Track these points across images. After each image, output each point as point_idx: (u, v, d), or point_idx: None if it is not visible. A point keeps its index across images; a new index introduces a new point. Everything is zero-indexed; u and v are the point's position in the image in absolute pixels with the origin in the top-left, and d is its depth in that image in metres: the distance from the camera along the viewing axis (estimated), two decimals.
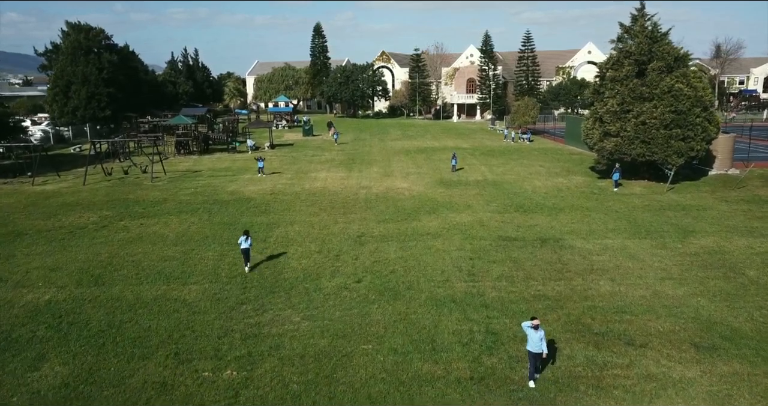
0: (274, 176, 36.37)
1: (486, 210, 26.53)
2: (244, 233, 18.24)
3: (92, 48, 62.27)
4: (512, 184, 32.96)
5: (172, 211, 26.87)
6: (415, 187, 32.32)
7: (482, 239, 21.83)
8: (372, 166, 40.11)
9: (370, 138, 60.62)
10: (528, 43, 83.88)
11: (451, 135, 63.25)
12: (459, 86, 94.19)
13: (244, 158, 45.12)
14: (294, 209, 27.11)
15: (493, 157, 44.10)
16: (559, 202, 28.16)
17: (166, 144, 47.10)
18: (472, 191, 30.89)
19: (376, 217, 25.39)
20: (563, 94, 79.59)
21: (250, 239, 18.29)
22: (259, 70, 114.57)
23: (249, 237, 18.17)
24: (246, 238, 18.04)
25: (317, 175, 36.71)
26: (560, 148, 49.85)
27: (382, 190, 31.54)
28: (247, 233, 18.32)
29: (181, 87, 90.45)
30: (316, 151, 49.28)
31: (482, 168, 38.93)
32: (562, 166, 39.55)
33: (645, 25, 32.21)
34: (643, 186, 31.95)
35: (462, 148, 49.77)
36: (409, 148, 50.61)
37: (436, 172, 37.55)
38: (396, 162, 42.28)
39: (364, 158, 44.41)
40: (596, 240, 21.56)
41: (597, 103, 33.46)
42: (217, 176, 36.59)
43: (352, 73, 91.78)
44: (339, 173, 37.26)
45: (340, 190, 31.43)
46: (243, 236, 18.15)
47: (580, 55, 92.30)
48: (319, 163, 42.21)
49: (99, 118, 60.14)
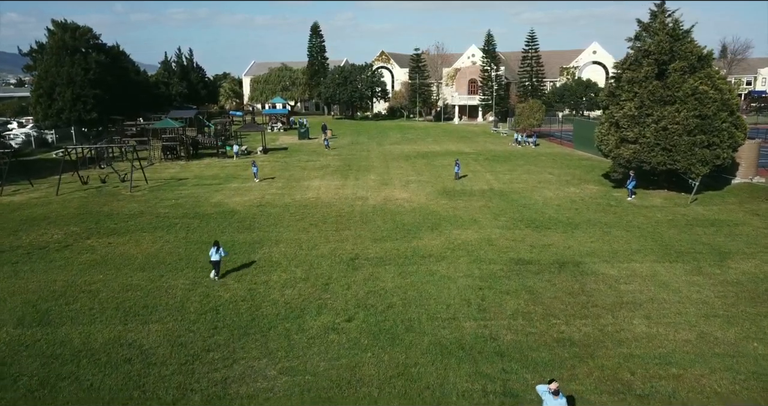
0: (263, 184, 33.78)
1: (494, 226, 23.94)
2: (214, 244, 17.58)
3: (79, 48, 59.70)
4: (521, 194, 30.37)
5: (146, 226, 24.26)
6: (415, 197, 29.73)
7: (492, 262, 19.25)
8: (369, 174, 37.52)
9: (368, 141, 58.05)
10: (532, 43, 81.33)
11: (452, 138, 60.67)
12: (460, 87, 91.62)
13: (234, 164, 42.52)
14: (282, 224, 24.52)
15: (498, 164, 41.51)
16: (574, 216, 25.56)
17: (152, 149, 44.51)
18: (477, 203, 28.31)
19: (372, 234, 22.80)
20: (568, 96, 77.05)
21: (222, 250, 17.62)
22: (256, 71, 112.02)
23: (220, 248, 17.54)
24: (217, 249, 17.44)
25: (310, 183, 34.12)
26: (569, 154, 47.27)
27: (380, 201, 28.96)
28: (218, 243, 17.68)
29: (174, 88, 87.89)
30: (311, 156, 46.69)
31: (487, 175, 36.34)
32: (573, 173, 36.96)
33: (665, 22, 29.65)
34: (663, 197, 29.37)
35: (465, 153, 47.20)
36: (409, 153, 48.03)
37: (437, 180, 34.96)
38: (395, 168, 39.70)
39: (361, 164, 41.83)
40: (621, 264, 18.98)
41: (612, 106, 30.87)
42: (202, 185, 33.99)
43: (350, 74, 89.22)
44: (334, 181, 34.67)
45: (334, 202, 28.85)
46: (213, 248, 17.52)
47: (584, 55, 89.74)
48: (313, 169, 39.62)
49: (85, 120, 57.56)
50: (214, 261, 17.52)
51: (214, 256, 17.41)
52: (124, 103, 66.08)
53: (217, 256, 17.37)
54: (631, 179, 29.08)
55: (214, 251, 17.37)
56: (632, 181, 28.97)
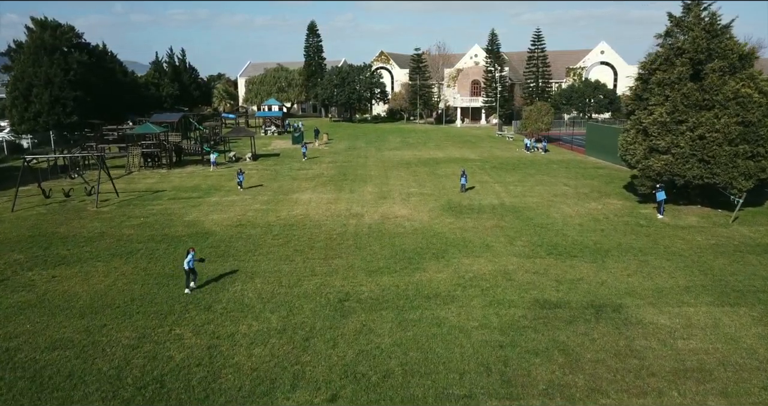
0: (247, 198, 30.28)
1: (510, 252, 20.42)
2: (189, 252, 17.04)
3: (59, 47, 56.18)
4: (536, 210, 26.86)
5: (103, 253, 20.73)
6: (417, 214, 26.22)
7: (512, 304, 15.74)
8: (366, 185, 34.00)
9: (366, 146, 54.54)
10: (538, 42, 77.76)
11: (455, 143, 57.15)
12: (462, 88, 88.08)
13: (219, 173, 38.97)
14: (261, 250, 20.99)
15: (507, 173, 38.00)
16: (601, 239, 22.04)
17: (130, 156, 40.99)
18: (488, 222, 24.79)
19: (366, 264, 19.28)
20: (575, 97, 73.57)
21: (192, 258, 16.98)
22: (252, 72, 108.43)
23: (194, 254, 17.10)
24: (191, 257, 16.89)
25: (300, 197, 30.58)
26: (581, 161, 43.75)
27: (377, 219, 25.44)
28: (192, 251, 17.20)
29: (165, 89, 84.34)
30: (304, 164, 43.17)
31: (496, 187, 32.82)
32: (591, 185, 33.44)
33: (700, 16, 26.16)
34: (699, 215, 25.86)
35: (470, 160, 43.69)
36: (410, 160, 44.52)
37: (442, 192, 31.45)
38: (395, 178, 36.18)
39: (357, 173, 38.31)
40: (671, 307, 15.47)
41: (639, 111, 27.37)
42: (179, 198, 30.46)
43: (348, 75, 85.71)
44: (326, 194, 31.15)
45: (324, 220, 25.33)
46: (188, 256, 16.90)
47: (592, 55, 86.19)
48: (305, 179, 36.09)
49: (64, 124, 54.05)
50: (189, 270, 16.91)
51: (185, 264, 16.87)
52: (109, 106, 62.64)
53: (189, 264, 16.82)
54: (658, 188, 25.60)
55: (191, 258, 16.89)
56: (660, 191, 25.48)
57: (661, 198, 25.62)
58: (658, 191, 25.64)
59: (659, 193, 25.61)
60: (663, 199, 25.65)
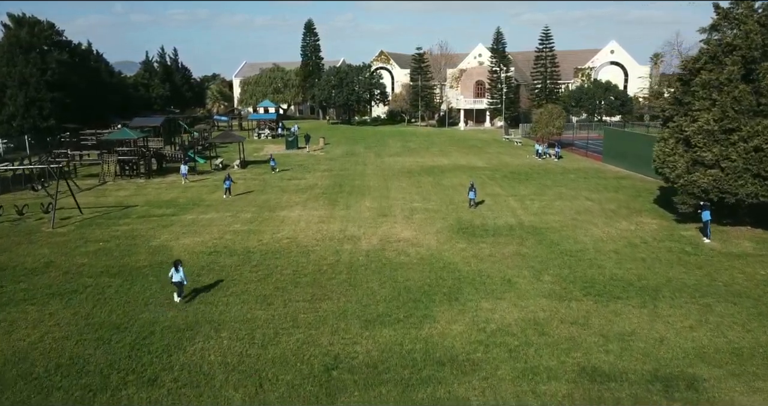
0: (227, 215, 26.58)
1: (538, 291, 16.72)
2: (174, 264, 16.14)
3: (36, 45, 52.54)
4: (560, 232, 23.15)
5: (41, 292, 17.01)
6: (423, 238, 22.50)
7: (551, 374, 12.05)
8: (364, 198, 30.29)
9: (364, 152, 50.82)
10: (546, 41, 74.04)
11: (460, 148, 53.44)
12: (466, 89, 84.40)
13: (201, 185, 35.24)
14: (235, 287, 17.29)
15: (520, 184, 34.27)
16: (644, 272, 18.33)
17: (105, 164, 37.26)
18: (507, 247, 21.08)
19: (363, 309, 15.58)
20: (585, 99, 69.88)
21: (182, 270, 16.10)
22: (248, 72, 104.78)
23: (180, 267, 16.10)
24: (176, 269, 15.96)
25: (288, 214, 26.87)
26: (599, 169, 40.03)
27: (376, 243, 21.72)
28: (178, 263, 16.16)
29: (155, 90, 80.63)
30: (297, 172, 39.47)
31: (511, 201, 29.12)
32: (616, 199, 29.73)
33: (753, 7, 22.47)
34: (752, 239, 22.14)
35: (478, 169, 39.99)
36: (412, 167, 40.82)
37: (449, 207, 27.75)
38: (396, 190, 32.47)
39: (354, 184, 34.60)
40: (763, 382, 11.76)
41: (680, 118, 23.65)
42: (150, 216, 26.75)
43: (346, 75, 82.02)
44: (318, 211, 27.43)
45: (314, 245, 21.61)
46: (173, 268, 16.08)
47: (601, 55, 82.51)
48: (296, 192, 32.37)
49: (42, 128, 50.37)
50: (176, 282, 16.03)
51: (175, 277, 15.98)
52: (93, 108, 58.98)
53: (178, 277, 15.95)
54: (704, 207, 21.95)
55: (174, 272, 15.99)
56: (706, 210, 21.83)
57: (707, 219, 21.95)
58: (704, 210, 21.96)
59: (705, 212, 21.93)
60: (709, 219, 21.98)
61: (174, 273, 15.96)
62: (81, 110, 55.96)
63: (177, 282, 16.01)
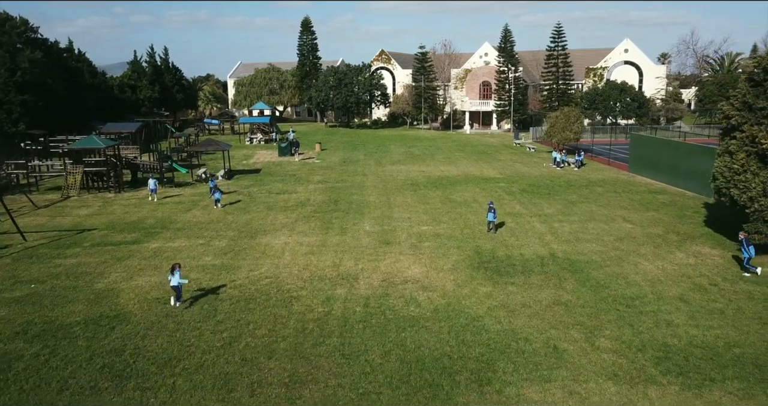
0: (198, 243, 22.15)
1: (598, 367, 12.28)
2: (172, 269, 15.49)
3: (5, 43, 48.14)
4: (605, 268, 18.73)
5: None
6: (435, 276, 18.08)
7: None
8: (363, 218, 25.87)
9: (364, 159, 46.39)
10: (558, 39, 69.53)
11: (468, 154, 49.00)
12: (471, 91, 80.00)
13: (175, 201, 30.78)
14: (186, 360, 12.84)
15: (542, 199, 29.85)
16: (733, 335, 13.87)
17: (69, 176, 32.82)
18: (543, 291, 16.65)
19: (358, 399, 11.15)
20: (600, 101, 65.44)
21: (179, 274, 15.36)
22: (243, 72, 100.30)
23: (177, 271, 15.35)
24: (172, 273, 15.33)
25: (271, 241, 22.43)
26: (628, 181, 35.57)
27: (378, 286, 17.30)
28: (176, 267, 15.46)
29: (142, 92, 76.16)
30: (287, 185, 35.03)
31: (536, 224, 24.70)
32: (659, 219, 25.28)
33: None
34: None
35: (491, 180, 35.55)
36: (417, 178, 36.39)
37: (464, 232, 23.34)
38: (400, 208, 28.06)
39: (352, 200, 30.17)
40: None
41: (751, 126, 19.20)
42: (106, 244, 22.32)
43: (345, 76, 77.56)
44: (308, 236, 23.00)
45: (299, 289, 17.18)
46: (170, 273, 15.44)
47: (614, 54, 78.00)
48: (284, 209, 27.95)
49: (10, 133, 45.94)
50: (173, 286, 15.42)
51: (173, 280, 15.36)
52: (72, 112, 54.61)
53: (176, 281, 15.33)
54: (746, 241, 17.80)
55: (172, 277, 15.32)
56: (747, 248, 17.77)
57: (751, 255, 17.86)
58: (748, 244, 17.84)
59: (750, 247, 17.84)
60: (752, 255, 17.87)
61: (171, 277, 15.54)
62: (58, 114, 51.60)
63: (174, 286, 15.55)
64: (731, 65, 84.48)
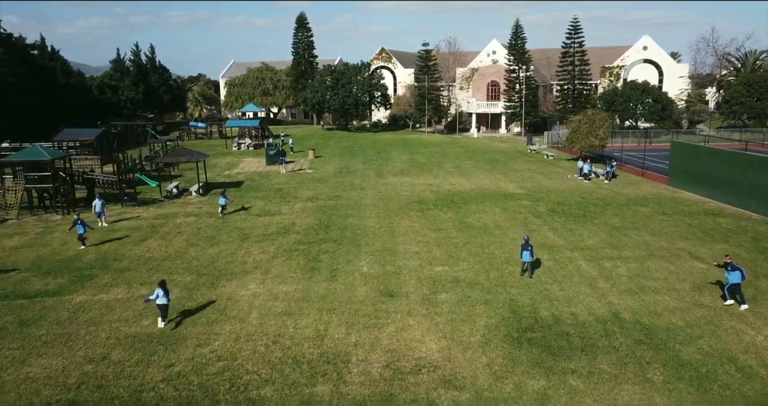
0: (141, 291, 16.67)
1: None
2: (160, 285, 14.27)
3: None
4: (694, 339, 13.28)
5: None
6: (460, 358, 12.63)
7: None
8: (359, 255, 20.40)
9: (362, 169, 40.95)
10: (575, 35, 63.98)
11: (480, 163, 43.54)
12: (478, 91, 74.51)
13: (133, 225, 25.28)
14: None
15: (578, 224, 24.36)
16: None
17: (5, 193, 27.39)
18: (622, 388, 11.21)
19: None
20: (620, 102, 60.02)
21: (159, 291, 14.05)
22: (236, 72, 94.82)
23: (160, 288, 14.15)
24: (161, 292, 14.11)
25: (236, 291, 16.95)
26: (674, 198, 30.08)
27: (378, 378, 11.83)
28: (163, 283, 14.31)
29: (124, 93, 70.78)
30: (271, 203, 29.57)
31: (579, 260, 19.23)
32: (732, 253, 19.75)
33: None
34: None
35: (512, 197, 30.04)
36: (424, 195, 30.93)
37: (491, 274, 17.87)
38: (405, 238, 22.59)
39: (346, 225, 24.72)
40: None
41: None
42: (17, 296, 16.83)
43: (343, 75, 72.11)
44: (286, 284, 17.53)
45: (262, 384, 11.71)
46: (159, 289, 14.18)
47: (632, 52, 72.39)
48: (260, 240, 22.48)
49: None
50: (161, 304, 14.16)
51: (161, 299, 14.11)
52: (40, 116, 49.25)
53: (164, 299, 14.13)
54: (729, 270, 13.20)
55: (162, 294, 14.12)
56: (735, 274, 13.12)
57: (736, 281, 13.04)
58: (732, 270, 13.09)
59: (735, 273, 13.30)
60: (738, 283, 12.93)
61: (160, 295, 14.11)
62: (24, 118, 46.27)
63: (161, 305, 14.14)
64: (754, 64, 79.08)
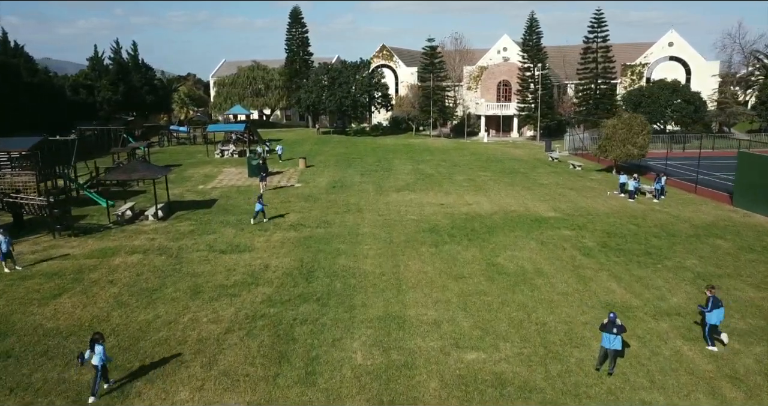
0: None
1: None
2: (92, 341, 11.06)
3: None
4: None
5: None
6: None
7: None
8: (351, 329, 14.22)
9: (360, 183, 34.77)
10: (599, 29, 57.76)
11: (497, 174, 37.38)
12: (487, 91, 68.40)
13: (52, 270, 19.04)
14: None
15: (646, 268, 18.16)
16: None
17: None
18: None
19: None
20: (647, 103, 53.89)
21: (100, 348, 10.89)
22: (227, 71, 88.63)
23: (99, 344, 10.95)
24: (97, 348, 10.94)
25: (170, 398, 10.81)
26: (745, 222, 23.93)
27: None
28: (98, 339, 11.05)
29: (101, 93, 64.58)
30: (242, 232, 23.36)
31: (673, 338, 13.07)
32: None
33: None
34: None
35: (546, 222, 23.80)
36: (436, 219, 24.75)
37: (551, 370, 11.72)
38: (417, 294, 16.42)
39: (336, 268, 18.55)
40: None
41: None
42: None
43: (340, 74, 65.96)
44: (232, 395, 11.36)
45: None
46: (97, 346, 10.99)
47: (656, 48, 66.24)
48: (216, 298, 16.28)
49: None
50: (95, 365, 10.98)
51: (96, 358, 10.94)
52: (4, 118, 43.19)
53: (97, 359, 10.92)
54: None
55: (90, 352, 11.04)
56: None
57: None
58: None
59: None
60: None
61: (89, 353, 11.01)
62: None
63: (96, 365, 10.97)
64: None
